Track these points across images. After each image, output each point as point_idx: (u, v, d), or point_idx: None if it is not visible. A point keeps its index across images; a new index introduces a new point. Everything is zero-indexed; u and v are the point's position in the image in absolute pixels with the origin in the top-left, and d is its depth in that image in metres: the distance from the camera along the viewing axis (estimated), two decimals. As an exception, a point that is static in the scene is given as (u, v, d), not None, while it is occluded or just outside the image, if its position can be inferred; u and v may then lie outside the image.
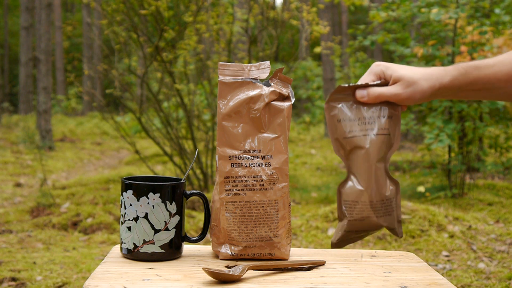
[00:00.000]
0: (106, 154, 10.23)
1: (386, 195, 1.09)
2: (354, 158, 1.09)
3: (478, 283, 3.12)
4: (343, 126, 1.09)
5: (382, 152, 1.08)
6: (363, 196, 1.08)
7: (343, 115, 1.09)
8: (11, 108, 16.04)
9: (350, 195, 1.09)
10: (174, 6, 5.71)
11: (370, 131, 1.08)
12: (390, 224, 1.11)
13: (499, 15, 5.48)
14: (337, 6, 18.62)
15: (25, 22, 16.04)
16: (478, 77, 1.09)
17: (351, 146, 1.09)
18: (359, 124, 1.08)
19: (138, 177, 1.17)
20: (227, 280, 0.99)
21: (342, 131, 1.09)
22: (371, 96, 1.09)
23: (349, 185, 1.09)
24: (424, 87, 1.08)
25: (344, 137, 1.08)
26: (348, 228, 1.10)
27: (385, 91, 1.08)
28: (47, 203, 4.87)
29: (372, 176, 1.07)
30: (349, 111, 1.09)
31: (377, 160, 1.08)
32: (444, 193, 5.48)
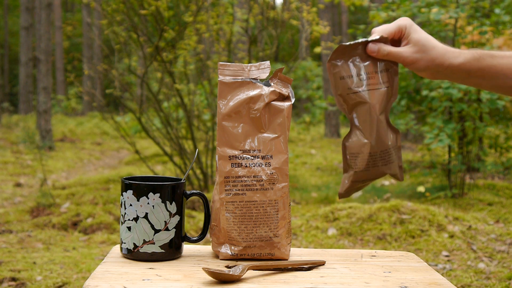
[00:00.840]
0: (106, 154, 10.23)
1: (389, 144, 1.13)
2: (357, 112, 1.13)
3: (478, 283, 3.12)
4: (346, 83, 1.13)
5: (383, 105, 1.13)
6: (367, 148, 1.12)
7: (345, 72, 1.13)
8: (11, 108, 16.04)
9: (355, 147, 1.12)
10: (174, 6, 5.71)
11: (371, 86, 1.12)
12: (393, 171, 1.16)
13: (499, 15, 5.49)
14: (337, 6, 18.61)
15: (25, 22, 16.04)
16: (491, 65, 1.10)
17: (354, 101, 1.12)
18: (360, 80, 1.12)
19: (138, 177, 1.17)
20: (227, 280, 0.99)
21: (345, 88, 1.13)
22: (381, 52, 1.11)
23: (354, 138, 1.13)
24: (432, 60, 1.10)
25: (347, 93, 1.12)
26: (354, 179, 1.14)
27: (394, 50, 1.11)
28: (47, 203, 4.87)
29: (374, 128, 1.12)
30: (351, 68, 1.13)
31: (380, 112, 1.11)
32: (444, 193, 5.48)
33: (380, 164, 1.12)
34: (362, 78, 1.12)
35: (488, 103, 5.23)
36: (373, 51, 1.11)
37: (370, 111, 1.11)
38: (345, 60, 1.13)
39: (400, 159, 1.16)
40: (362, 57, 1.13)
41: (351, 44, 1.13)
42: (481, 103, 5.29)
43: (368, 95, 1.11)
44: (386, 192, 6.04)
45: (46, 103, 10.11)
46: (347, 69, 1.12)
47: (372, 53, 1.12)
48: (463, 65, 1.10)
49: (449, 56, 1.10)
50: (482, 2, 5.51)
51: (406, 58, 1.11)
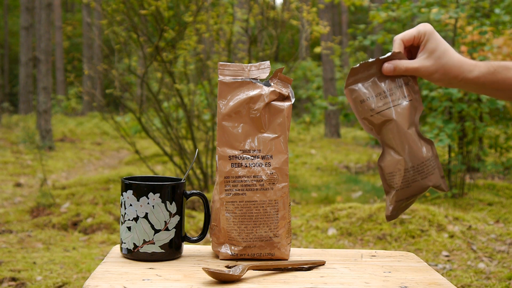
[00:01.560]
0: (106, 154, 10.23)
1: (423, 156, 1.11)
2: (385, 131, 1.12)
3: (478, 283, 3.12)
4: (367, 105, 1.12)
5: (410, 118, 1.12)
6: (402, 164, 1.11)
7: (364, 95, 1.12)
8: (11, 108, 16.04)
9: (391, 166, 1.12)
10: (174, 6, 5.71)
11: (393, 102, 1.11)
12: (435, 182, 1.14)
13: (499, 15, 5.48)
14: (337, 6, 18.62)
15: (25, 22, 16.04)
16: (505, 77, 1.10)
17: (380, 121, 1.11)
18: (381, 99, 1.11)
19: (138, 177, 1.17)
20: (227, 280, 0.99)
21: (368, 110, 1.12)
22: (398, 70, 1.11)
23: (387, 157, 1.12)
24: (447, 73, 1.10)
25: (371, 115, 1.11)
26: (398, 198, 1.13)
27: (410, 65, 1.10)
28: (47, 203, 4.87)
29: (406, 144, 1.11)
30: (368, 90, 1.12)
31: (407, 127, 1.11)
32: (444, 193, 5.48)
33: (419, 178, 1.11)
34: (382, 97, 1.11)
35: (488, 103, 5.23)
36: (390, 71, 1.11)
37: (398, 128, 1.10)
38: (362, 82, 1.12)
39: (440, 169, 1.14)
40: (378, 76, 1.12)
41: (362, 64, 1.12)
42: (481, 103, 5.29)
43: (392, 112, 1.10)
44: (386, 192, 6.03)
45: (46, 103, 10.11)
46: (366, 91, 1.12)
47: (389, 73, 1.11)
48: (478, 79, 1.10)
49: (464, 70, 1.09)
50: (482, 2, 5.51)
51: (422, 72, 1.10)
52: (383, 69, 1.11)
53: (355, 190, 6.25)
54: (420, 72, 1.10)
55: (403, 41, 1.12)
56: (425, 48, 1.10)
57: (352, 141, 12.66)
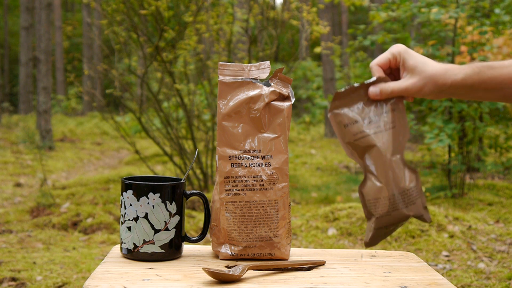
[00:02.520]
0: (106, 154, 10.23)
1: (406, 185, 1.10)
2: (367, 157, 1.11)
3: (478, 283, 3.12)
4: (351, 130, 1.10)
5: (394, 145, 1.11)
6: (384, 192, 1.09)
7: (348, 119, 1.11)
8: (11, 108, 16.05)
9: (372, 193, 1.10)
10: (174, 6, 5.71)
11: (378, 128, 1.10)
12: (416, 212, 1.12)
13: (499, 15, 5.48)
14: (337, 6, 18.62)
15: (25, 22, 16.04)
16: (492, 76, 1.09)
17: (363, 147, 1.10)
18: (365, 124, 1.10)
19: (138, 177, 1.17)
20: (227, 280, 0.99)
21: (351, 135, 1.11)
22: (384, 93, 1.10)
23: (369, 184, 1.11)
24: (435, 82, 1.09)
25: (354, 140, 1.10)
26: (377, 225, 1.12)
27: (396, 87, 1.09)
28: (47, 203, 4.87)
29: (388, 171, 1.09)
30: (353, 114, 1.11)
31: (391, 154, 1.10)
32: (444, 193, 5.48)
33: (401, 207, 1.09)
34: (367, 123, 1.10)
35: (488, 103, 5.23)
36: (376, 94, 1.10)
37: (381, 154, 1.09)
38: (347, 106, 1.11)
39: (423, 199, 1.13)
40: (364, 101, 1.11)
41: (348, 89, 1.11)
42: (481, 103, 5.29)
43: (376, 138, 1.09)
44: (386, 192, 6.03)
45: (46, 103, 10.11)
46: (350, 116, 1.11)
47: (375, 97, 1.10)
48: (465, 81, 1.09)
49: (450, 74, 1.09)
50: (482, 2, 5.51)
51: (411, 89, 1.09)
52: (369, 93, 1.10)
53: (355, 190, 6.25)
54: (409, 90, 1.09)
55: (380, 65, 1.11)
56: (406, 66, 1.09)
57: (352, 141, 12.63)
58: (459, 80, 1.09)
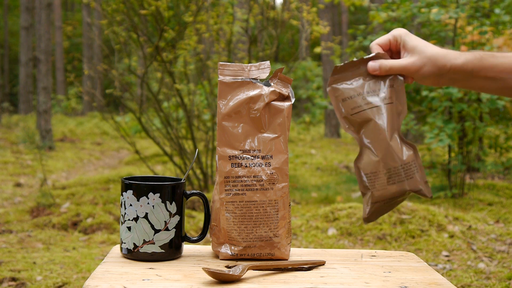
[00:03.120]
0: (106, 154, 10.23)
1: (404, 159, 1.10)
2: (364, 131, 1.11)
3: (478, 283, 3.12)
4: (348, 104, 1.11)
5: (391, 121, 1.11)
6: (381, 166, 1.10)
7: (346, 94, 1.12)
8: (11, 108, 16.05)
9: (368, 167, 1.11)
10: (174, 6, 5.71)
11: (374, 103, 1.11)
12: (413, 187, 1.12)
13: (499, 15, 5.49)
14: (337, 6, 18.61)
15: (25, 22, 16.04)
16: (493, 64, 1.09)
17: (359, 121, 1.11)
18: (363, 99, 1.11)
19: (138, 177, 1.17)
20: (227, 280, 0.99)
21: (348, 109, 1.11)
22: (383, 69, 1.10)
23: (365, 158, 1.11)
24: (435, 63, 1.09)
25: (352, 114, 1.11)
26: (374, 200, 1.12)
27: (395, 64, 1.10)
28: (47, 203, 4.87)
29: (384, 145, 1.10)
30: (351, 89, 1.11)
31: (387, 128, 1.10)
32: (444, 193, 5.48)
33: (397, 181, 1.10)
34: (364, 97, 1.10)
35: (488, 103, 5.23)
36: (375, 69, 1.10)
37: (377, 128, 1.09)
38: (346, 81, 1.12)
39: (422, 174, 1.12)
40: (363, 76, 1.12)
41: (347, 63, 1.12)
42: (481, 103, 5.29)
43: (372, 113, 1.10)
44: (386, 192, 6.03)
45: (46, 103, 10.11)
46: (349, 90, 1.11)
47: (374, 72, 1.11)
48: (466, 65, 1.09)
49: (450, 58, 1.09)
50: (482, 2, 5.51)
51: (410, 68, 1.09)
52: (368, 68, 1.11)
53: (355, 190, 6.25)
54: (408, 69, 1.09)
55: (380, 45, 1.12)
56: (406, 47, 1.10)
57: (352, 141, 12.66)
58: (459, 64, 1.09)
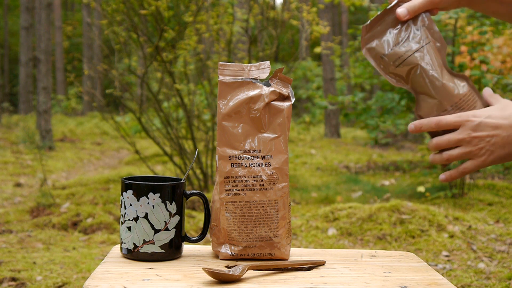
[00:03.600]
0: (106, 154, 10.23)
1: (460, 93, 1.09)
2: (413, 79, 1.09)
3: (478, 283, 3.12)
4: (390, 58, 1.10)
5: (436, 59, 1.09)
6: (441, 106, 1.08)
7: (383, 49, 1.10)
8: (11, 108, 16.05)
9: (429, 112, 1.09)
10: (174, 6, 5.71)
11: (414, 47, 1.09)
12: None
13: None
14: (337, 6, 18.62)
15: (25, 22, 16.04)
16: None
17: (406, 71, 1.09)
18: (401, 48, 1.09)
19: (138, 177, 1.17)
20: (227, 280, 0.99)
21: (391, 63, 1.10)
22: (411, 10, 1.09)
23: (424, 104, 1.09)
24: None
25: (396, 66, 1.09)
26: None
27: (422, 1, 1.09)
28: (47, 203, 4.87)
29: (437, 85, 1.08)
30: (386, 43, 1.10)
31: (434, 68, 1.08)
32: (444, 193, 5.48)
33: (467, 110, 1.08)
34: (402, 46, 1.09)
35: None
36: (405, 14, 1.09)
37: (425, 71, 1.08)
38: (377, 38, 1.11)
39: (482, 100, 1.10)
40: (392, 25, 1.10)
41: (373, 20, 1.10)
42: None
43: (415, 58, 1.08)
44: (386, 192, 6.04)
45: (46, 103, 10.11)
46: (383, 45, 1.10)
47: (405, 17, 1.09)
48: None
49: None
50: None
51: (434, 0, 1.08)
52: (397, 15, 1.09)
53: (355, 190, 6.25)
54: (432, 1, 1.08)
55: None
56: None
57: (352, 141, 12.66)
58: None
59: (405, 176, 7.28)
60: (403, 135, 11.79)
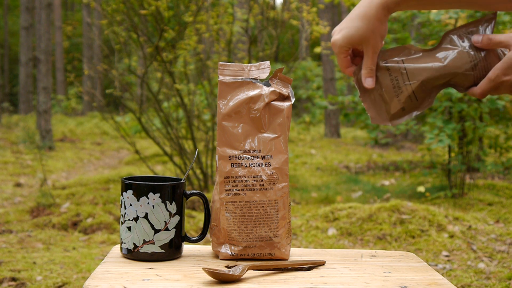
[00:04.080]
0: (106, 154, 10.23)
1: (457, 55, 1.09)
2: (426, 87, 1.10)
3: (478, 283, 3.12)
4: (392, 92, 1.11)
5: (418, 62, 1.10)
6: (466, 72, 1.08)
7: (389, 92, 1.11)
8: (11, 108, 16.04)
9: (465, 80, 1.09)
10: (174, 6, 5.71)
11: (403, 81, 1.10)
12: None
13: (499, 15, 5.49)
14: (337, 6, 18.61)
15: (25, 22, 16.04)
16: None
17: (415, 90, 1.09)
18: (395, 90, 1.10)
19: (138, 177, 1.17)
20: (227, 280, 0.99)
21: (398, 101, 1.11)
22: (367, 75, 1.11)
23: (459, 81, 1.09)
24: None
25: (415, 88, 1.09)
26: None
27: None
28: (47, 203, 4.87)
29: (443, 69, 1.09)
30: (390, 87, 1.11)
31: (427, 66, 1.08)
32: (444, 193, 5.48)
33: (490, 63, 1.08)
34: (393, 89, 1.11)
35: (488, 103, 5.23)
36: (370, 84, 1.11)
37: (430, 76, 1.09)
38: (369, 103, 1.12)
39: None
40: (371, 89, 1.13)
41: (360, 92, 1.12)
42: (481, 103, 5.29)
43: (412, 83, 1.09)
44: (386, 192, 6.04)
45: (46, 103, 10.11)
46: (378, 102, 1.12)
47: (371, 86, 1.10)
48: None
49: None
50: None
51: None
52: (369, 88, 1.10)
53: (355, 190, 6.25)
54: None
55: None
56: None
57: (352, 141, 12.66)
58: None
59: (405, 176, 7.28)
60: (403, 135, 11.79)
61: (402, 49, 1.11)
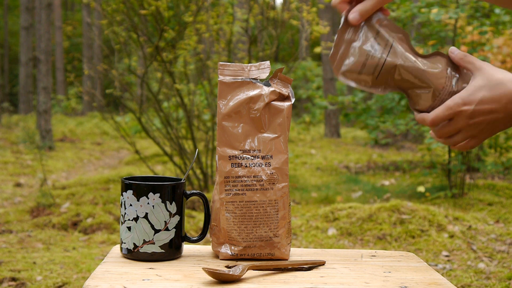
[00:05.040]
0: (106, 154, 10.23)
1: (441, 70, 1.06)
2: (397, 79, 1.07)
3: (478, 283, 3.12)
4: (366, 72, 1.07)
5: (405, 51, 1.07)
6: (435, 93, 1.05)
7: (356, 67, 1.07)
8: (11, 108, 16.04)
9: (428, 103, 1.06)
10: (174, 6, 5.71)
11: (384, 52, 1.07)
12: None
13: (499, 15, 5.49)
14: (337, 6, 18.58)
15: (25, 22, 16.05)
16: None
17: (387, 76, 1.07)
18: (372, 58, 1.07)
19: (138, 177, 1.17)
20: (227, 280, 0.99)
21: (370, 75, 1.07)
22: (363, 13, 1.05)
23: (419, 99, 1.07)
24: None
25: (376, 77, 1.07)
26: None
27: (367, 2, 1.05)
28: (47, 203, 4.87)
29: (421, 73, 1.06)
30: (355, 59, 1.07)
31: (410, 60, 1.06)
32: (444, 193, 5.48)
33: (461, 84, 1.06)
34: (371, 56, 1.06)
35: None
36: (357, 19, 1.05)
37: (404, 68, 1.06)
38: (346, 58, 1.08)
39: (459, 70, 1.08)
40: (353, 40, 1.07)
41: (334, 47, 1.08)
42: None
43: (390, 61, 1.06)
44: (386, 192, 6.04)
45: (46, 103, 10.11)
46: (354, 62, 1.07)
47: (358, 21, 1.05)
48: None
49: None
50: (482, 2, 5.51)
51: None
52: (351, 22, 1.05)
53: (355, 190, 6.25)
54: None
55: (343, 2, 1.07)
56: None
57: (352, 141, 12.66)
58: None
59: (405, 176, 7.28)
60: (403, 135, 11.79)
61: (401, 32, 1.08)
